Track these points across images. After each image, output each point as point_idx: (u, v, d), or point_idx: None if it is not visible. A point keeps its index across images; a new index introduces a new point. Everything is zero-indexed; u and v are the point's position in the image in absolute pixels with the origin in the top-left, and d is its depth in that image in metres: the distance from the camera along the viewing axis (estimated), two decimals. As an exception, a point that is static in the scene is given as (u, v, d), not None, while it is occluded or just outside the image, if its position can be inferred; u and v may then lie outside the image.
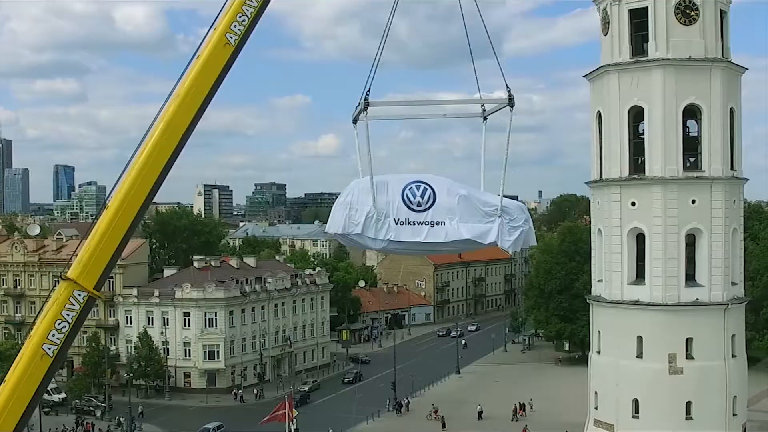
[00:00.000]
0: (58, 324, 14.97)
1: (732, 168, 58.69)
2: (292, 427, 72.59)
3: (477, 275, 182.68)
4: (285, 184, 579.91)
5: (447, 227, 16.95)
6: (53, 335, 14.92)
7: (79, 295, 15.15)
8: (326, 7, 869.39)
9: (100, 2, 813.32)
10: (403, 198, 17.13)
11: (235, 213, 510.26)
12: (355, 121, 17.54)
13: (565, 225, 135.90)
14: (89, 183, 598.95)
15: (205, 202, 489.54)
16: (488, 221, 17.06)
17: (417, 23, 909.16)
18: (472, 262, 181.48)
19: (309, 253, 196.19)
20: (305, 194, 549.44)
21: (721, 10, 58.87)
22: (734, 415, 57.45)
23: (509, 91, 17.52)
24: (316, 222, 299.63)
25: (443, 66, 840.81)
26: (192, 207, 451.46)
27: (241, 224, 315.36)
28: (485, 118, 18.20)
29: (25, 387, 14.83)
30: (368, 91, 17.40)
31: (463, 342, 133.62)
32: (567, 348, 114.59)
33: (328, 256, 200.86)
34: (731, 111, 58.81)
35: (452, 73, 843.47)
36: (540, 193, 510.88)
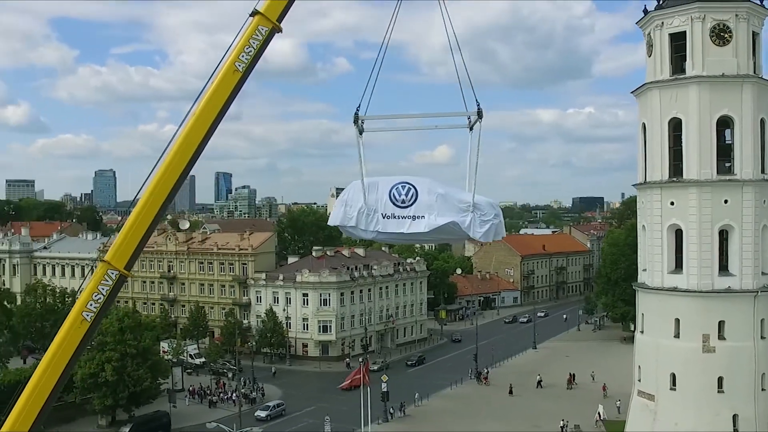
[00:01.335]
0: (95, 296, 16.33)
1: (763, 171, 56.78)
2: (382, 389, 74.11)
3: (559, 265, 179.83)
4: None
5: (426, 220, 17.55)
6: (91, 305, 16.31)
7: (112, 273, 16.47)
8: (439, 37, 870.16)
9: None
10: (389, 196, 17.87)
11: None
12: (355, 121, 18.32)
13: (631, 222, 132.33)
14: (243, 187, 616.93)
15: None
16: (462, 215, 17.47)
17: (516, 49, 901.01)
18: (555, 253, 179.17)
19: (416, 246, 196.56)
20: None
21: (753, 32, 57.06)
22: (763, 390, 55.72)
23: (478, 105, 17.82)
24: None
25: (539, 86, 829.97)
26: (326, 207, 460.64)
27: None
28: (471, 128, 18.51)
29: (68, 345, 16.27)
30: (358, 106, 18.19)
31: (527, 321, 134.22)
32: (632, 328, 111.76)
33: (431, 248, 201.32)
34: (762, 121, 56.88)
35: (547, 92, 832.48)
36: (622, 194, 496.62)
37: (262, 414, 70.06)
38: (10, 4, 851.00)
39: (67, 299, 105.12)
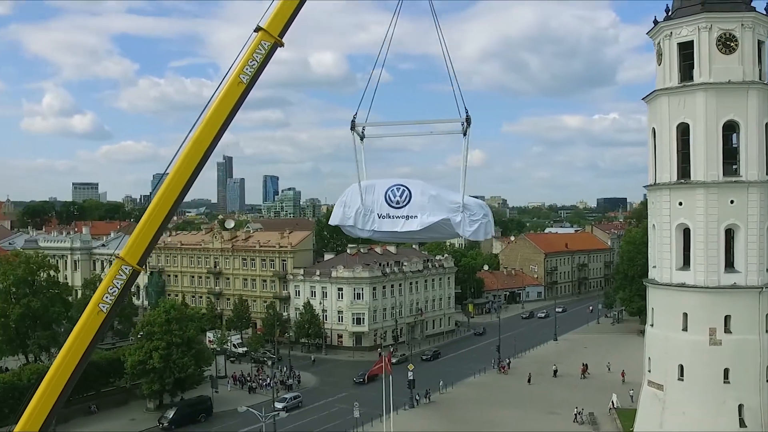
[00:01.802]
0: (110, 290, 16.65)
1: (768, 173, 55.55)
2: (408, 377, 74.08)
3: (581, 262, 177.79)
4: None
5: (419, 219, 17.63)
6: (106, 297, 16.62)
7: (126, 269, 16.74)
8: (473, 49, 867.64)
9: (299, 51, 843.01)
10: (385, 197, 17.99)
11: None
12: (352, 128, 18.40)
13: (648, 221, 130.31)
14: (289, 189, 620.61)
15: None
16: (453, 215, 17.48)
17: (545, 59, 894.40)
18: (577, 251, 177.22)
19: (447, 244, 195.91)
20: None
21: (758, 41, 55.84)
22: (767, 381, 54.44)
23: (467, 112, 17.79)
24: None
25: (566, 93, 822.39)
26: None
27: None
28: (465, 134, 18.46)
29: (85, 334, 16.61)
30: (355, 114, 18.26)
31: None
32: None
33: (460, 246, 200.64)
34: (767, 125, 55.67)
35: (574, 99, 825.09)
36: (644, 195, 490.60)
37: (279, 405, 68.17)
38: (77, 23, 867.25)
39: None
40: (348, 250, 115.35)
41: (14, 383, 64.86)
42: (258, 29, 17.52)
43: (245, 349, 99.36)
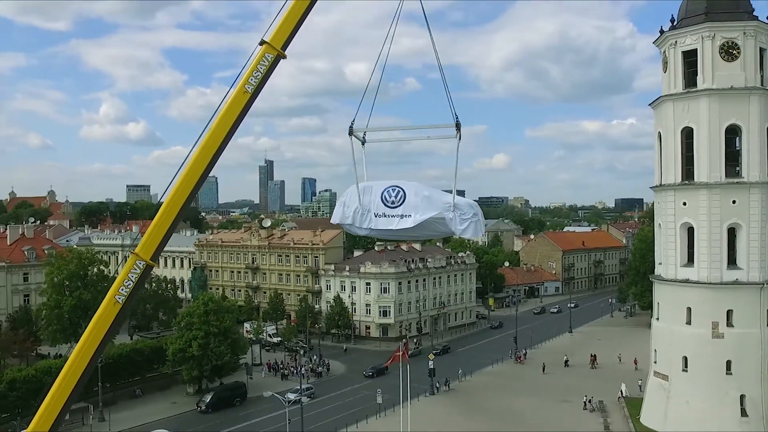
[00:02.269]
0: (126, 282, 16.72)
1: (769, 174, 54.40)
2: (429, 366, 73.80)
3: (596, 258, 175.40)
4: (464, 190, 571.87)
5: (413, 218, 17.47)
6: (122, 290, 16.70)
7: (140, 263, 16.81)
8: (498, 59, 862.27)
9: (335, 62, 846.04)
10: (381, 198, 17.89)
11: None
12: (350, 133, 18.32)
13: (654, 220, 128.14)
14: (325, 190, 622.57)
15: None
16: (445, 214, 17.32)
17: (565, 68, 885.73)
18: (593, 248, 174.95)
19: (471, 242, 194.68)
20: (479, 198, 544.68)
21: (760, 48, 54.89)
22: (769, 372, 53.32)
23: (456, 118, 17.55)
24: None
25: (585, 100, 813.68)
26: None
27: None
28: (459, 138, 18.23)
29: (102, 323, 16.73)
30: (353, 120, 18.20)
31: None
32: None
33: (483, 243, 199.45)
34: (769, 129, 54.52)
35: (592, 105, 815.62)
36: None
37: (292, 396, 65.09)
38: (131, 38, 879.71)
39: (166, 285, 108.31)
40: (375, 248, 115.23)
41: (66, 369, 66.04)
42: (262, 42, 17.46)
43: (279, 339, 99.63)
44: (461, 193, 19.29)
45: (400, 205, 17.68)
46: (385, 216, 17.79)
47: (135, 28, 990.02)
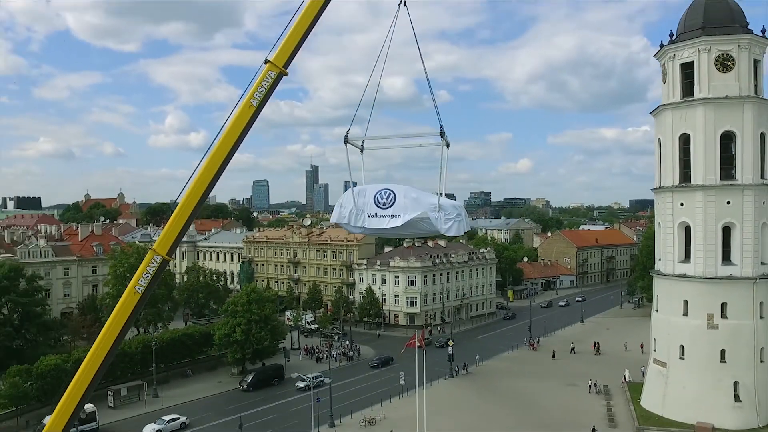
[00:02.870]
0: (144, 275, 16.86)
1: (762, 177, 52.96)
2: (448, 351, 73.34)
3: (609, 254, 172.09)
4: (490, 192, 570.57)
5: (402, 218, 17.34)
6: (141, 281, 16.86)
7: (157, 258, 16.96)
8: (522, 73, 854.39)
9: (373, 76, 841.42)
10: (374, 200, 17.80)
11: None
12: (345, 142, 18.25)
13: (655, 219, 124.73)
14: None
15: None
16: (430, 214, 17.16)
17: (584, 80, 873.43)
18: (606, 245, 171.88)
19: (494, 239, 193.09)
20: (504, 199, 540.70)
21: (754, 60, 53.32)
22: (762, 362, 52.28)
23: (441, 126, 17.33)
24: (502, 218, 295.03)
25: (603, 109, 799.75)
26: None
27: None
28: (447, 145, 18.05)
29: (124, 310, 16.91)
30: (348, 131, 18.11)
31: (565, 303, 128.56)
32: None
33: (505, 241, 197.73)
34: (762, 135, 53.11)
35: (609, 114, 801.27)
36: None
37: (301, 385, 65.45)
38: (191, 57, 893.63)
39: (218, 277, 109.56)
40: (404, 244, 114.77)
41: (125, 350, 67.13)
42: (266, 61, 17.47)
43: (316, 326, 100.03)
44: (450, 196, 19.09)
45: (391, 206, 17.57)
46: (377, 216, 17.70)
47: (196, 48, 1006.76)
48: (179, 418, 56.45)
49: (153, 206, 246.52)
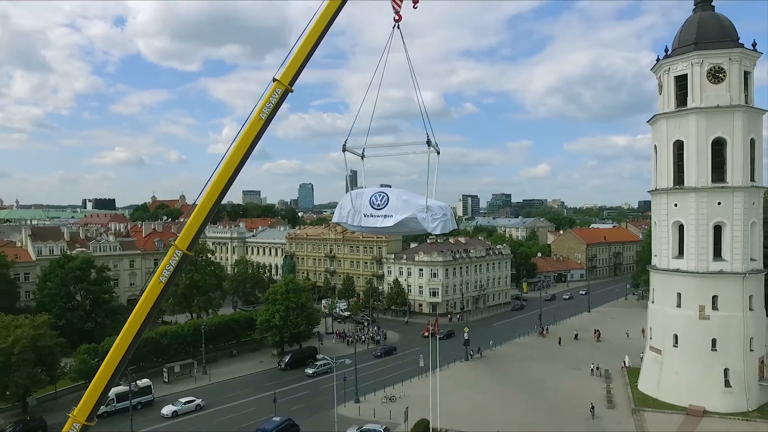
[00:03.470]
0: (167, 267, 17.11)
1: (752, 179, 51.16)
2: (465, 337, 72.69)
3: (616, 251, 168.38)
4: (510, 194, 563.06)
5: (394, 218, 17.29)
6: (164, 273, 17.08)
7: (178, 252, 17.15)
8: (540, 86, 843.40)
9: (406, 91, 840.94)
10: (369, 201, 17.77)
11: (481, 212, 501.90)
12: (343, 150, 18.20)
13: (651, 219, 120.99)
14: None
15: (463, 205, 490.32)
16: (419, 214, 17.05)
17: (597, 92, 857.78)
18: (613, 242, 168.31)
19: (511, 236, 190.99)
20: (523, 200, 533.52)
21: (745, 71, 51.53)
22: (751, 350, 50.38)
23: (428, 136, 17.19)
24: (519, 217, 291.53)
25: (614, 119, 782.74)
26: (456, 208, 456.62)
27: (476, 218, 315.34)
28: (438, 153, 17.89)
29: (149, 297, 17.16)
30: (345, 141, 18.03)
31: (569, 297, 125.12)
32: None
33: (521, 237, 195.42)
34: (752, 141, 51.32)
35: (620, 123, 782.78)
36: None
37: (310, 371, 65.07)
38: (245, 75, 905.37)
39: (263, 270, 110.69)
40: (428, 240, 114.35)
41: (178, 333, 68.48)
42: (274, 80, 17.54)
43: (349, 313, 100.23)
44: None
45: (384, 207, 17.51)
46: (372, 216, 17.66)
47: (249, 67, 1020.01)
48: (195, 400, 55.13)
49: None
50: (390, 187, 19.53)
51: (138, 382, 55.89)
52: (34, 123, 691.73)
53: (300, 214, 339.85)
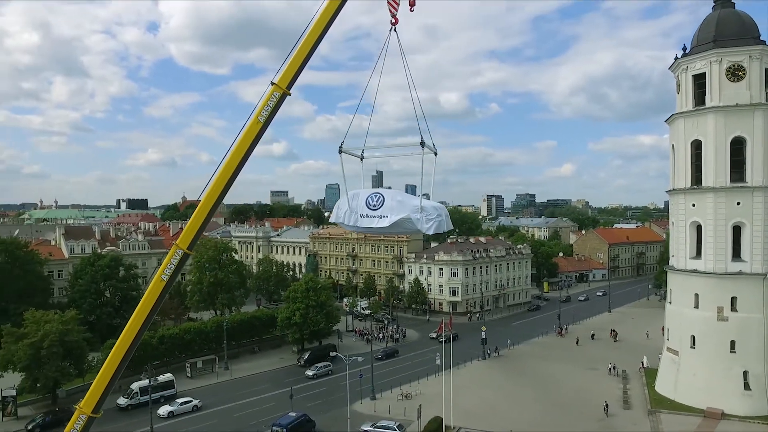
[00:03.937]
0: (169, 265, 17.08)
1: (773, 179, 49.26)
2: (481, 335, 71.98)
3: (639, 251, 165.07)
4: (534, 194, 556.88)
5: (389, 218, 17.07)
6: (166, 271, 17.06)
7: (179, 252, 17.15)
8: (565, 86, 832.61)
9: (431, 92, 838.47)
10: (365, 202, 17.58)
11: (505, 212, 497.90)
12: (340, 152, 18.03)
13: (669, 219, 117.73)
14: (424, 194, 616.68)
15: (487, 205, 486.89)
16: (413, 215, 16.84)
17: (623, 92, 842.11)
18: (636, 242, 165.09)
19: (533, 236, 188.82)
20: (547, 200, 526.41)
21: (766, 69, 49.85)
22: (771, 352, 48.38)
23: (422, 137, 16.96)
24: (542, 217, 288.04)
25: (640, 118, 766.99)
26: (480, 208, 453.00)
27: (500, 218, 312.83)
28: (435, 153, 17.65)
29: (152, 295, 17.13)
30: (342, 142, 17.84)
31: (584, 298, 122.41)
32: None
33: (542, 237, 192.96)
34: (772, 139, 49.33)
35: (646, 122, 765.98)
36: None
37: (310, 373, 64.02)
38: (272, 78, 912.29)
39: (287, 269, 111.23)
40: (448, 240, 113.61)
41: (201, 329, 69.21)
42: (272, 83, 17.44)
43: (370, 311, 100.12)
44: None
45: (380, 207, 17.29)
46: (368, 216, 17.45)
47: (275, 71, 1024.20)
48: (192, 401, 54.24)
49: (238, 206, 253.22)
50: (415, 187, 19.33)
51: (160, 377, 56.60)
52: (72, 126, 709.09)
53: (326, 213, 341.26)
